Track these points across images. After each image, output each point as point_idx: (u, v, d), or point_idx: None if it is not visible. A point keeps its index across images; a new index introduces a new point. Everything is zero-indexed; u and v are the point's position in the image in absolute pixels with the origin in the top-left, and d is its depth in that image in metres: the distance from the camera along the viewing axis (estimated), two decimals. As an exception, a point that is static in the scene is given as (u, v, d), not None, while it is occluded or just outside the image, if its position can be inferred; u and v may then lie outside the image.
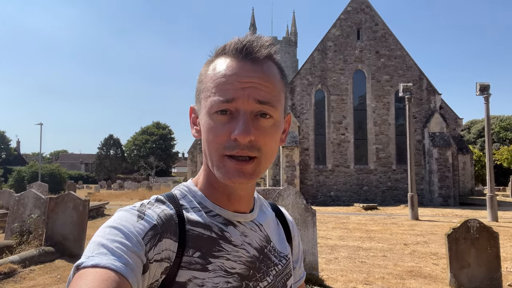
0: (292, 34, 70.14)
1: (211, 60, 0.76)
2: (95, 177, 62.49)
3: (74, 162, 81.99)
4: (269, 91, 0.70)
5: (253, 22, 68.82)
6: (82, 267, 0.60)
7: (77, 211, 8.16)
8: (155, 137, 71.31)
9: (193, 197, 0.77)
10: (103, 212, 15.38)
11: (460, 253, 5.47)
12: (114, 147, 64.52)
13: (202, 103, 0.74)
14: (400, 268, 6.96)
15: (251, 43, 0.72)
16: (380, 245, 9.20)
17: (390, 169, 21.98)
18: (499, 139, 59.79)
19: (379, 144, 22.21)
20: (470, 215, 15.58)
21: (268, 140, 0.71)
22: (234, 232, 0.76)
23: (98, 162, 61.87)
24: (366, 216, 14.80)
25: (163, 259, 0.67)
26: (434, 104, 22.13)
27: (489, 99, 13.40)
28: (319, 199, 21.67)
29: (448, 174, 20.98)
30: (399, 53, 22.50)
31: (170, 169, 79.82)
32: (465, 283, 5.45)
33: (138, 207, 0.71)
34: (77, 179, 59.84)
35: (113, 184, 46.93)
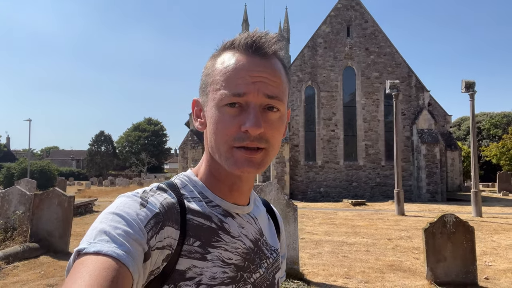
0: (285, 31, 70.10)
1: (218, 54, 0.77)
2: (86, 174, 62.10)
3: (65, 158, 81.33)
4: (277, 86, 0.73)
5: (245, 18, 68.61)
6: (83, 253, 0.60)
7: (62, 208, 8.15)
8: (147, 133, 70.98)
9: (193, 187, 0.78)
10: (91, 208, 15.34)
11: (437, 247, 5.60)
12: (105, 144, 64.12)
13: (209, 95, 0.75)
14: (381, 262, 7.08)
15: (260, 39, 0.73)
16: (365, 240, 9.33)
17: (379, 165, 22.19)
18: (489, 135, 60.45)
19: (368, 141, 22.40)
20: (456, 211, 15.82)
21: (276, 133, 0.73)
22: (233, 223, 0.77)
23: (89, 159, 61.49)
24: (353, 212, 14.97)
25: (165, 246, 0.68)
26: (423, 101, 22.35)
27: (474, 96, 13.58)
28: (309, 195, 21.82)
29: (436, 170, 21.23)
30: (389, 50, 22.65)
31: (163, 166, 79.54)
32: (441, 276, 5.57)
33: (141, 194, 0.71)
34: (68, 175, 59.36)
35: (104, 180, 46.66)
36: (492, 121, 61.22)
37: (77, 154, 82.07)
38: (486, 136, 60.00)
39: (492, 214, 14.09)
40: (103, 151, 63.26)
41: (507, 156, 41.24)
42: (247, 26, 67.05)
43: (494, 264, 7.14)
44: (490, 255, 7.82)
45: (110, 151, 64.59)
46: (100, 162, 61.64)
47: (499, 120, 61.53)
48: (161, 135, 74.77)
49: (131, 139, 69.88)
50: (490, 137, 58.84)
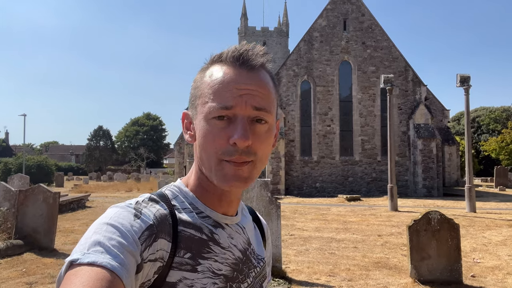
0: (284, 25, 69.71)
1: (206, 67, 0.78)
2: (85, 169, 62.10)
3: (64, 153, 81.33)
4: (264, 97, 0.73)
5: (244, 12, 68.20)
6: (77, 264, 0.59)
7: (47, 204, 8.06)
8: (146, 128, 70.90)
9: (184, 198, 0.78)
10: (84, 204, 15.27)
11: (421, 245, 5.50)
12: (104, 139, 64.07)
13: (198, 108, 0.75)
14: (368, 259, 7.00)
15: (247, 52, 0.74)
16: (354, 236, 9.25)
17: (375, 161, 22.08)
18: (488, 130, 60.28)
19: (364, 136, 22.27)
20: (451, 206, 15.76)
21: (264, 145, 0.74)
22: (223, 234, 0.78)
23: (87, 154, 61.47)
24: (347, 208, 14.88)
25: (157, 259, 0.68)
26: (420, 95, 22.19)
27: (469, 91, 13.45)
28: (305, 191, 21.74)
29: (432, 165, 21.13)
30: (385, 44, 22.45)
31: (162, 161, 79.57)
32: (425, 274, 5.49)
33: (134, 205, 0.71)
34: (67, 170, 59.38)
35: (102, 175, 46.67)
36: (491, 116, 61.03)
37: (76, 149, 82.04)
38: (486, 130, 59.84)
39: (487, 210, 14.00)
40: (102, 146, 63.22)
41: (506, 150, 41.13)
42: (246, 20, 66.67)
43: (482, 261, 7.05)
44: (480, 252, 7.73)
45: (108, 146, 64.55)
46: (99, 157, 61.63)
47: (498, 114, 61.34)
48: (160, 130, 74.69)
49: (130, 134, 69.82)
50: (490, 132, 58.66)
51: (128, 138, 70.03)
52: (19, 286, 5.66)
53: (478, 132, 61.13)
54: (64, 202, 14.06)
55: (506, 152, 41.13)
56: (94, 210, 14.07)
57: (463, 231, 9.85)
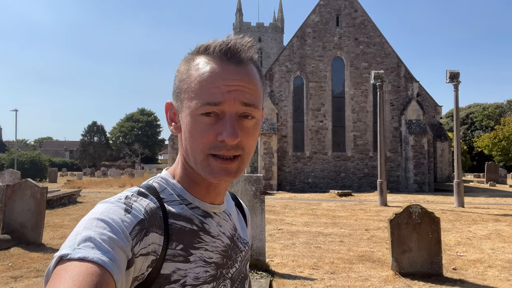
0: (279, 20, 69.55)
1: (191, 58, 0.76)
2: (79, 165, 61.83)
3: (59, 149, 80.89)
4: (252, 93, 0.73)
5: (239, 8, 67.99)
6: (67, 259, 0.58)
7: (35, 199, 8.05)
8: (141, 124, 70.66)
9: (172, 190, 0.78)
10: (75, 199, 15.24)
11: (402, 238, 5.58)
12: (98, 134, 63.76)
13: (184, 102, 0.74)
14: (353, 253, 7.08)
15: (235, 45, 0.73)
16: (342, 230, 9.34)
17: (367, 156, 22.20)
18: (482, 126, 60.68)
19: (356, 131, 22.37)
20: (440, 201, 15.91)
21: (251, 140, 0.74)
22: (212, 223, 0.79)
23: (82, 149, 61.19)
24: (337, 203, 14.98)
25: (150, 252, 0.68)
26: (412, 91, 22.30)
27: (458, 87, 13.55)
28: (297, 186, 21.84)
29: (424, 161, 21.29)
30: (378, 40, 22.50)
31: (157, 156, 79.41)
32: (406, 267, 5.57)
33: (124, 200, 0.71)
34: (61, 166, 59.07)
35: (96, 171, 46.52)
36: (484, 112, 61.43)
37: (70, 144, 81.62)
38: (479, 127, 60.24)
39: (475, 205, 14.16)
40: (96, 142, 62.93)
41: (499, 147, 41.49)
42: (241, 15, 66.47)
43: (466, 254, 7.16)
44: (464, 246, 7.84)
45: (103, 141, 64.28)
46: (93, 153, 61.37)
47: (491, 111, 61.76)
48: (155, 125, 74.47)
49: (125, 129, 69.55)
50: (483, 128, 59.08)
51: (123, 133, 69.78)
52: (4, 280, 5.68)
53: (472, 128, 61.54)
54: (55, 197, 14.04)
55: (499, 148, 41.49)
56: (84, 206, 14.06)
57: (449, 225, 10.00)
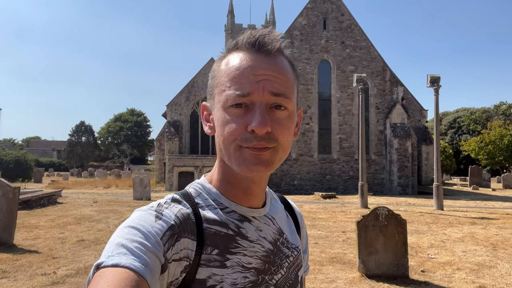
0: (271, 22, 69.70)
1: (223, 56, 0.76)
2: (66, 165, 61.13)
3: (46, 149, 79.91)
4: (282, 83, 0.72)
5: (231, 9, 67.95)
6: (102, 267, 0.61)
7: (7, 199, 7.94)
8: (130, 124, 70.13)
9: (207, 195, 0.78)
10: (55, 200, 15.07)
11: (368, 240, 5.62)
12: (86, 134, 63.09)
13: (216, 98, 0.74)
14: (325, 255, 7.10)
15: (264, 37, 0.72)
16: (319, 232, 9.37)
17: (353, 159, 22.33)
18: (469, 131, 61.52)
19: (342, 134, 22.50)
20: (422, 203, 16.07)
21: (285, 131, 0.72)
22: (250, 227, 0.78)
23: (69, 149, 60.49)
24: (319, 205, 15.04)
25: (182, 258, 0.68)
26: (397, 95, 22.51)
27: (438, 91, 13.72)
28: (283, 188, 21.87)
29: (408, 164, 21.49)
30: (364, 44, 22.69)
31: (146, 157, 78.86)
32: (372, 268, 5.61)
33: (155, 207, 0.72)
34: (48, 166, 58.36)
35: (83, 172, 46.06)
36: (472, 117, 62.30)
37: (58, 144, 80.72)
38: (466, 131, 61.05)
39: (454, 208, 14.33)
40: (84, 142, 62.25)
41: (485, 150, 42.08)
42: (233, 17, 66.45)
43: (437, 257, 7.23)
44: (436, 248, 7.92)
45: (91, 141, 63.61)
46: (81, 153, 60.70)
47: (478, 115, 62.66)
48: (145, 126, 73.97)
49: (113, 130, 68.96)
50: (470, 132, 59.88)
51: (112, 134, 69.18)
52: (-34, 280, 5.58)
53: (459, 132, 62.35)
54: (34, 197, 13.86)
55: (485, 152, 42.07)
56: (64, 206, 13.90)
57: (425, 227, 10.10)
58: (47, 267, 6.35)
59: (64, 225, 10.25)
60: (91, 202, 15.08)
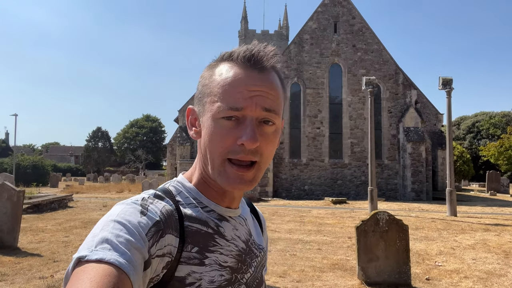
0: (284, 28, 69.82)
1: (215, 64, 0.77)
2: (83, 170, 62.18)
3: (64, 154, 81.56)
4: (274, 99, 0.73)
5: (244, 15, 68.38)
6: (85, 261, 0.59)
7: (12, 202, 8.03)
8: (145, 130, 71.02)
9: (188, 193, 0.79)
10: (66, 204, 15.25)
11: (368, 246, 5.43)
12: (102, 140, 64.20)
13: (206, 106, 0.75)
14: (327, 261, 6.91)
15: (259, 53, 0.74)
16: (324, 238, 9.17)
17: (365, 164, 21.93)
18: (488, 135, 60.05)
19: (354, 139, 22.16)
20: (435, 209, 15.62)
21: (270, 146, 0.74)
22: (227, 226, 0.79)
23: (86, 155, 61.60)
24: (328, 210, 14.78)
25: (165, 254, 0.68)
26: (410, 99, 22.07)
27: (451, 94, 13.36)
28: (293, 193, 21.64)
29: (422, 169, 20.98)
30: (376, 47, 22.37)
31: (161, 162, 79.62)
32: (373, 276, 5.40)
33: (140, 202, 0.72)
34: (66, 171, 59.50)
35: (99, 176, 46.78)
36: (491, 121, 60.79)
37: (76, 150, 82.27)
38: (485, 135, 59.57)
39: (469, 214, 13.86)
40: (100, 147, 63.32)
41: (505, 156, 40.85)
42: (246, 23, 66.82)
43: (445, 264, 6.95)
44: (445, 255, 7.62)
45: (107, 147, 64.66)
46: (97, 158, 61.71)
47: (498, 120, 61.09)
48: (160, 131, 74.81)
49: (129, 135, 69.96)
50: (489, 137, 58.38)
51: (127, 139, 70.18)
52: (-35, 283, 5.62)
53: (478, 137, 60.84)
54: (45, 201, 14.05)
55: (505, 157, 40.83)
56: (74, 210, 14.04)
57: (435, 234, 9.77)
58: (46, 270, 6.36)
59: (70, 228, 10.32)
60: (101, 206, 15.20)
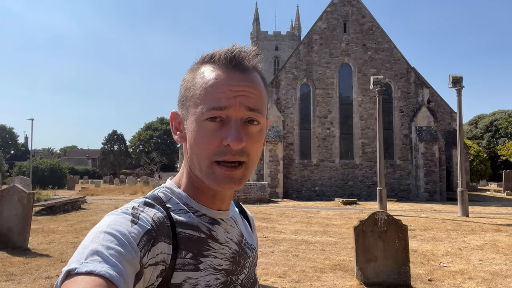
0: (296, 29, 69.66)
1: (197, 67, 0.77)
2: (100, 172, 63.33)
3: (82, 157, 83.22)
4: (257, 98, 0.74)
5: (256, 17, 68.52)
6: (75, 273, 0.59)
7: (22, 204, 8.26)
8: (159, 132, 71.85)
9: (178, 199, 0.78)
10: (79, 206, 15.56)
11: (367, 246, 5.39)
12: (118, 143, 65.21)
13: (190, 110, 0.75)
14: (329, 261, 6.89)
15: (240, 53, 0.74)
16: (330, 239, 9.13)
17: (376, 164, 21.66)
18: (507, 134, 58.60)
19: (365, 139, 21.95)
20: (448, 210, 15.35)
21: (256, 146, 0.74)
22: (219, 230, 0.79)
23: (102, 158, 62.72)
24: (337, 211, 14.68)
25: (159, 262, 0.68)
26: (422, 97, 21.74)
27: (461, 92, 13.12)
28: (304, 194, 21.56)
29: (435, 169, 20.63)
30: (387, 46, 22.13)
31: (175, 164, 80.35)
32: (371, 276, 5.37)
33: (131, 211, 0.71)
34: (83, 174, 60.72)
35: (115, 179, 47.54)
36: (510, 119, 59.28)
37: (93, 153, 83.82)
38: (504, 134, 58.13)
39: (482, 214, 13.57)
40: (116, 150, 64.35)
41: (525, 155, 39.78)
42: (258, 24, 66.94)
43: (450, 265, 6.84)
44: (452, 256, 7.50)
45: (123, 150, 65.66)
46: (113, 161, 62.73)
47: (517, 118, 59.49)
48: (174, 134, 75.47)
49: (144, 138, 70.89)
50: (508, 136, 56.94)
51: (142, 142, 71.13)
52: (-26, 282, 5.82)
53: (496, 135, 59.39)
54: (58, 203, 14.38)
55: (524, 156, 39.77)
56: (86, 212, 14.33)
57: (444, 235, 9.61)
58: (53, 270, 6.52)
59: (81, 230, 10.54)
60: (113, 208, 15.43)
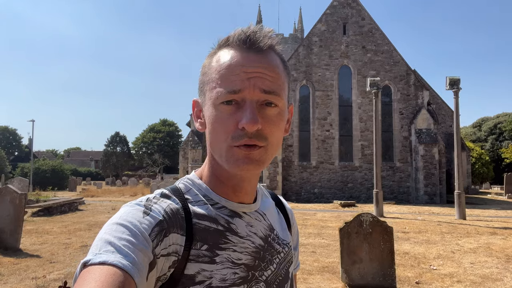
0: (299, 31, 69.74)
1: (214, 52, 0.76)
2: (102, 174, 63.55)
3: (84, 159, 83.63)
4: (273, 80, 0.71)
5: (259, 19, 68.68)
6: (89, 264, 0.60)
7: (14, 205, 8.28)
8: (162, 134, 72.06)
9: (198, 190, 0.78)
10: (76, 207, 15.61)
11: (352, 248, 5.35)
12: (120, 144, 65.43)
13: (207, 94, 0.74)
14: (318, 264, 6.85)
15: (255, 34, 0.72)
16: (323, 241, 9.08)
17: (376, 166, 21.60)
18: (511, 136, 58.20)
19: (364, 141, 21.87)
20: (446, 213, 15.23)
21: (274, 129, 0.72)
22: (240, 223, 0.77)
23: (105, 159, 62.93)
24: (334, 213, 14.62)
25: (170, 253, 0.68)
26: (422, 100, 21.65)
27: (458, 94, 13.04)
28: (303, 196, 21.50)
29: (435, 171, 20.51)
30: (386, 48, 22.07)
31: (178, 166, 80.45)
32: (356, 279, 5.32)
33: (144, 202, 0.71)
34: (86, 175, 61.01)
35: (117, 180, 47.70)
36: (514, 122, 58.83)
37: (95, 154, 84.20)
38: (508, 137, 57.72)
39: (480, 217, 13.45)
40: (119, 152, 64.56)
41: (528, 158, 39.47)
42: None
43: (440, 268, 6.78)
44: (443, 259, 7.43)
45: (125, 151, 65.88)
46: (116, 163, 62.92)
47: (522, 120, 59.05)
48: (176, 135, 75.69)
49: (147, 140, 71.13)
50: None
51: (145, 144, 71.36)
52: (-39, 282, 5.83)
53: (500, 138, 58.98)
54: (55, 205, 14.42)
55: (528, 159, 39.47)
56: (83, 213, 14.36)
57: (438, 237, 9.53)
58: (41, 271, 6.52)
59: (75, 231, 10.56)
60: (109, 209, 15.49)
